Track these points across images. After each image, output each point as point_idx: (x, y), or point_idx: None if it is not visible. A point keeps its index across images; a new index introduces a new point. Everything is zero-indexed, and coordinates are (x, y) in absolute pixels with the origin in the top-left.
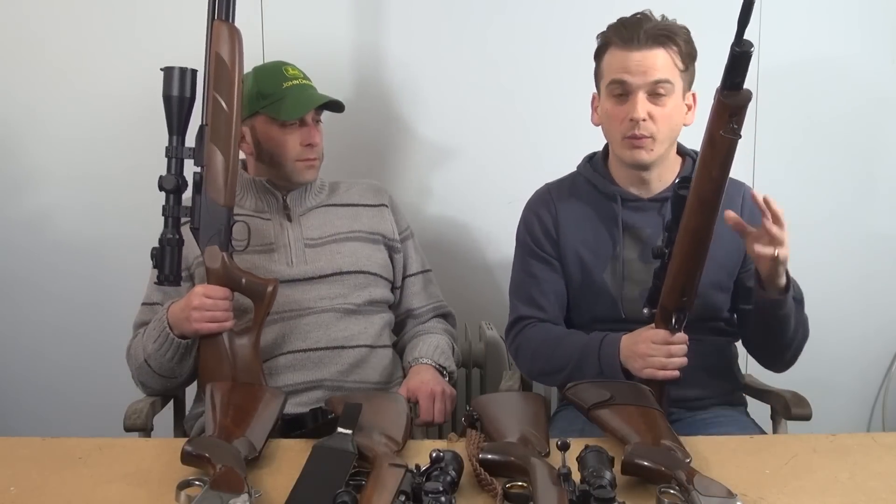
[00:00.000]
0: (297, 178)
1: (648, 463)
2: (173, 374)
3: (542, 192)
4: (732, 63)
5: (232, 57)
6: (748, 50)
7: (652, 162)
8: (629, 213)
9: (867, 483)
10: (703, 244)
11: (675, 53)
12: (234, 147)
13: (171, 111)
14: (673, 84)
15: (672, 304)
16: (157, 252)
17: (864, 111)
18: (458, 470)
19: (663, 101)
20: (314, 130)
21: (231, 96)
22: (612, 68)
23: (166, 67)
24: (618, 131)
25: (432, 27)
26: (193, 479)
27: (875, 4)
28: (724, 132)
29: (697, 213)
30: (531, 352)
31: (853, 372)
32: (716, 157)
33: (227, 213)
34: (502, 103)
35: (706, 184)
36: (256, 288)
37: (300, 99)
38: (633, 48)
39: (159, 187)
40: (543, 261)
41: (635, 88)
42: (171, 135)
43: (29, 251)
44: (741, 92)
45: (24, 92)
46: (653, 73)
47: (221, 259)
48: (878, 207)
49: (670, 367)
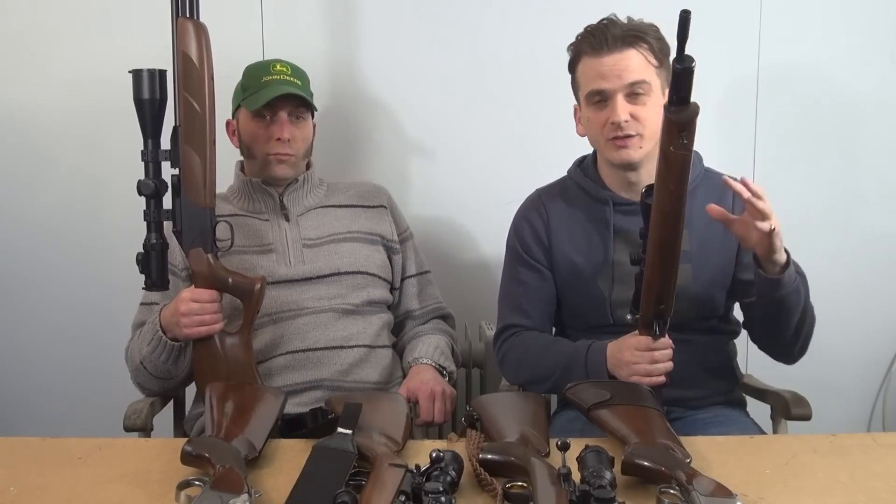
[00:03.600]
0: (269, 173)
1: (648, 463)
2: (169, 376)
3: (532, 198)
4: (676, 80)
5: (200, 54)
6: (690, 66)
7: (641, 160)
8: (620, 216)
9: (867, 483)
10: (671, 254)
11: (647, 51)
12: (209, 147)
13: (144, 114)
14: (650, 83)
15: (651, 312)
16: (143, 258)
17: (864, 111)
18: (458, 470)
19: (643, 101)
20: (286, 125)
21: (202, 95)
22: (587, 78)
23: (135, 70)
24: (602, 136)
25: (431, 29)
26: (193, 479)
27: (874, 5)
28: (675, 148)
29: (662, 226)
30: (517, 360)
31: (853, 372)
32: (671, 172)
33: (208, 214)
34: (502, 104)
35: (666, 197)
36: (244, 287)
37: (269, 91)
38: (604, 53)
39: (138, 192)
40: (532, 268)
41: (613, 93)
42: (145, 138)
43: (29, 252)
44: (688, 107)
45: (24, 92)
46: (627, 76)
47: (206, 261)
48: (878, 207)
49: (655, 374)
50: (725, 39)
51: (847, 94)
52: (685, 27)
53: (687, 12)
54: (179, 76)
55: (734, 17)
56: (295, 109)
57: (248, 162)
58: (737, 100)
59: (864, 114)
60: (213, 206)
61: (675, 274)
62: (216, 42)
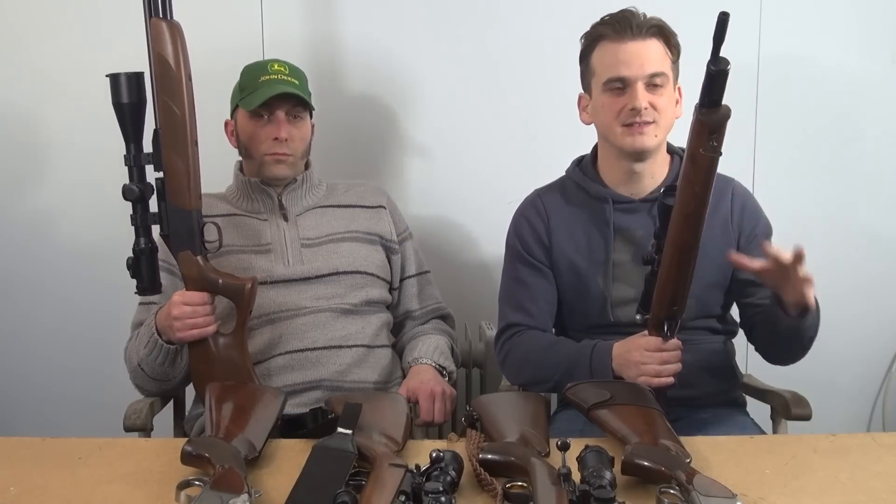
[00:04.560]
0: (267, 173)
1: (648, 463)
2: (167, 377)
3: (532, 197)
4: (710, 82)
5: (175, 56)
6: (725, 68)
7: (654, 148)
8: (620, 215)
9: (867, 483)
10: (690, 256)
11: (666, 45)
12: (191, 148)
13: (124, 119)
14: (668, 76)
15: (663, 313)
16: (133, 262)
17: (864, 111)
18: (458, 470)
19: (660, 92)
20: (283, 125)
21: (181, 97)
22: (605, 64)
23: (112, 74)
24: (617, 122)
25: (431, 30)
26: (193, 479)
27: (875, 4)
28: (703, 150)
29: (683, 228)
30: (519, 360)
31: (853, 372)
32: (697, 175)
33: (195, 215)
34: (501, 104)
35: (690, 199)
36: (234, 288)
37: (266, 91)
38: (628, 39)
39: (123, 197)
40: (533, 267)
41: (634, 80)
42: (127, 143)
43: (29, 252)
44: (720, 109)
45: (25, 94)
46: (649, 66)
47: (196, 263)
48: (878, 207)
49: (664, 374)
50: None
51: (848, 94)
52: (723, 28)
53: (726, 14)
54: (156, 79)
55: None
56: (292, 109)
57: (246, 162)
58: (737, 100)
59: (865, 113)
60: (199, 208)
61: (691, 276)
62: (216, 42)
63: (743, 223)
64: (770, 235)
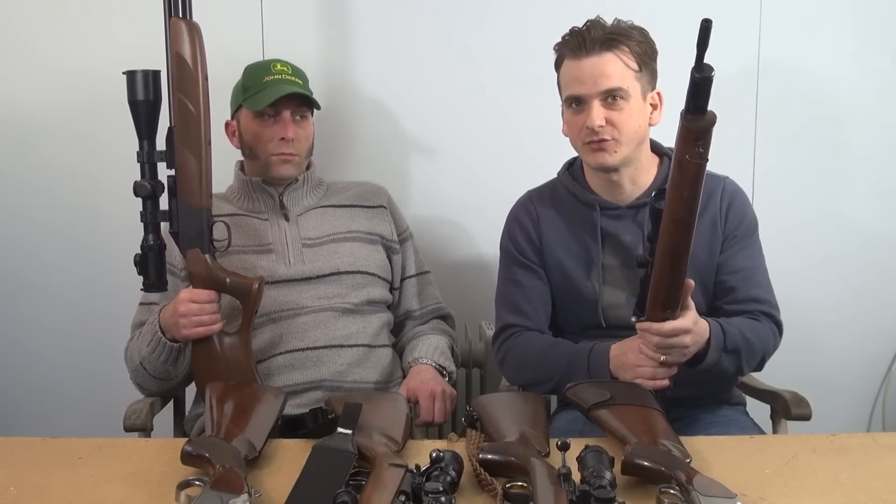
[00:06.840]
0: (273, 173)
1: (648, 463)
2: (168, 376)
3: (523, 200)
4: (694, 88)
5: (193, 55)
6: (709, 75)
7: (617, 164)
8: (607, 220)
9: (867, 483)
10: (681, 260)
11: (627, 55)
12: (204, 147)
13: (139, 116)
14: (627, 89)
15: (657, 318)
16: (140, 259)
17: (864, 111)
18: (458, 470)
19: (619, 106)
20: (289, 125)
21: (196, 96)
22: (566, 81)
23: (129, 71)
24: (579, 139)
25: (431, 30)
26: (193, 479)
27: (874, 4)
28: (690, 157)
29: (673, 232)
30: (517, 361)
31: (853, 372)
32: (685, 181)
33: (205, 214)
34: (502, 104)
35: (679, 205)
36: (241, 287)
37: (273, 91)
38: (583, 56)
39: (134, 194)
40: (527, 268)
41: (588, 98)
42: (140, 139)
43: (29, 251)
44: (705, 115)
45: (25, 94)
46: (603, 82)
47: (204, 261)
48: (878, 207)
49: (660, 377)
50: (725, 38)
51: (848, 94)
52: (706, 36)
53: (708, 21)
54: (173, 77)
55: (733, 18)
56: (298, 109)
57: (249, 162)
58: (737, 101)
59: (865, 113)
60: (209, 207)
61: (684, 279)
62: (216, 42)
63: (728, 222)
64: (754, 231)
